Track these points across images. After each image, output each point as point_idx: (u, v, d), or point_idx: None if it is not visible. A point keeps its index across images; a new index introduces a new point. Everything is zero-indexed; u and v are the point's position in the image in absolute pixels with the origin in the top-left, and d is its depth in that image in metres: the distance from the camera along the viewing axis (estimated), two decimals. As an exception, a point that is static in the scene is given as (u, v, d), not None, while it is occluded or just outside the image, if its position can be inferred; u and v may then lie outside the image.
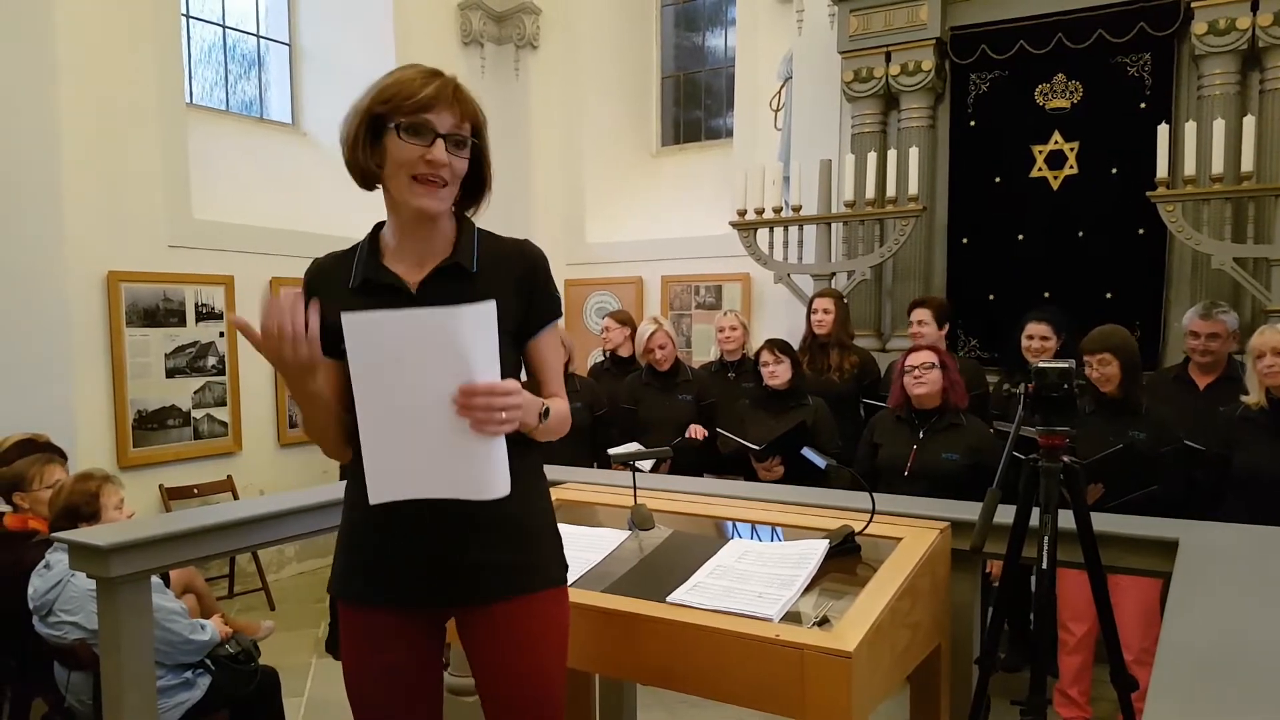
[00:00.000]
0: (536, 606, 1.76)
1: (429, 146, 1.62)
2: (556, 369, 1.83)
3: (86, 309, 5.02)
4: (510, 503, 1.63)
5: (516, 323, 1.74)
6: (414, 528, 1.69)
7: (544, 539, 1.80)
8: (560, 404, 1.77)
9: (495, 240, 1.79)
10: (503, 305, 1.57)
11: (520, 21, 7.44)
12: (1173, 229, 4.45)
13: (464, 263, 1.72)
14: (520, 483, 1.66)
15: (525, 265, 1.76)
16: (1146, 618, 3.35)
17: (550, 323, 1.80)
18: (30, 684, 3.33)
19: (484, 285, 1.68)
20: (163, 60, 5.37)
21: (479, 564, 1.70)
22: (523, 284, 1.75)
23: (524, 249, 1.80)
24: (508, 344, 1.70)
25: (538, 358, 1.80)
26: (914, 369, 3.68)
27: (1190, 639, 1.43)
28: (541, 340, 1.79)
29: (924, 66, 5.24)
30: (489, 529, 1.70)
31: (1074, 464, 2.04)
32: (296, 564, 6.22)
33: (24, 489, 3.45)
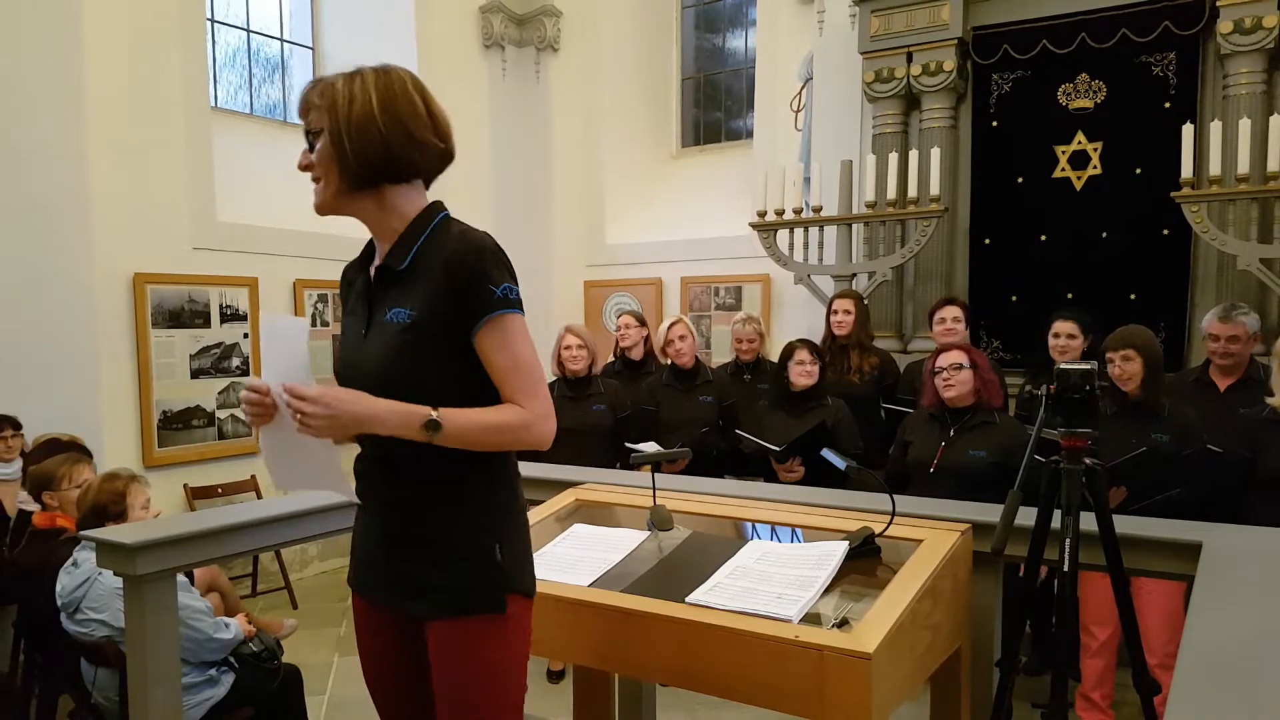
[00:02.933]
0: (468, 634, 1.67)
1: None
2: (507, 372, 1.64)
3: (113, 310, 5.08)
4: (431, 517, 1.67)
5: (442, 324, 1.62)
6: (365, 524, 1.79)
7: (475, 559, 1.67)
8: (469, 416, 1.61)
9: (444, 236, 1.68)
10: (423, 307, 1.62)
11: (541, 24, 7.46)
12: (1197, 230, 4.40)
13: (394, 262, 1.68)
14: (445, 498, 1.67)
15: (447, 263, 1.62)
16: (1170, 621, 3.33)
17: (481, 320, 1.62)
18: (57, 681, 3.38)
19: (410, 287, 1.66)
20: (188, 64, 5.43)
21: (402, 574, 1.70)
22: (442, 285, 1.62)
23: (452, 245, 1.65)
24: (441, 348, 1.63)
25: (483, 360, 1.65)
26: (943, 370, 3.66)
27: (1213, 642, 1.42)
28: (479, 342, 1.63)
29: (946, 67, 5.21)
30: (406, 540, 1.70)
31: (1096, 466, 2.03)
32: (319, 563, 6.26)
33: (53, 488, 3.50)
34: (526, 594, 1.74)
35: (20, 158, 4.74)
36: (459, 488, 1.68)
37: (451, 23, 7.13)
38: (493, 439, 1.65)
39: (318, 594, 5.79)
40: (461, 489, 1.68)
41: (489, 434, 1.63)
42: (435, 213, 1.73)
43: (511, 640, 1.70)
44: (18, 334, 4.76)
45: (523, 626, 1.73)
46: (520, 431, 1.65)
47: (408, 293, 1.65)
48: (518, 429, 1.64)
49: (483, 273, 1.62)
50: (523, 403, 1.65)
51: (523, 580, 1.73)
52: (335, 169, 1.65)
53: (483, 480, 1.70)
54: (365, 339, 1.71)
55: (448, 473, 1.66)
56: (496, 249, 1.66)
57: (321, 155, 1.65)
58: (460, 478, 1.67)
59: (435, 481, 1.67)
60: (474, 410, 1.62)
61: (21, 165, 4.74)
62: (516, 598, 1.70)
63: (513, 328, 1.65)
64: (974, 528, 2.26)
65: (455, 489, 1.68)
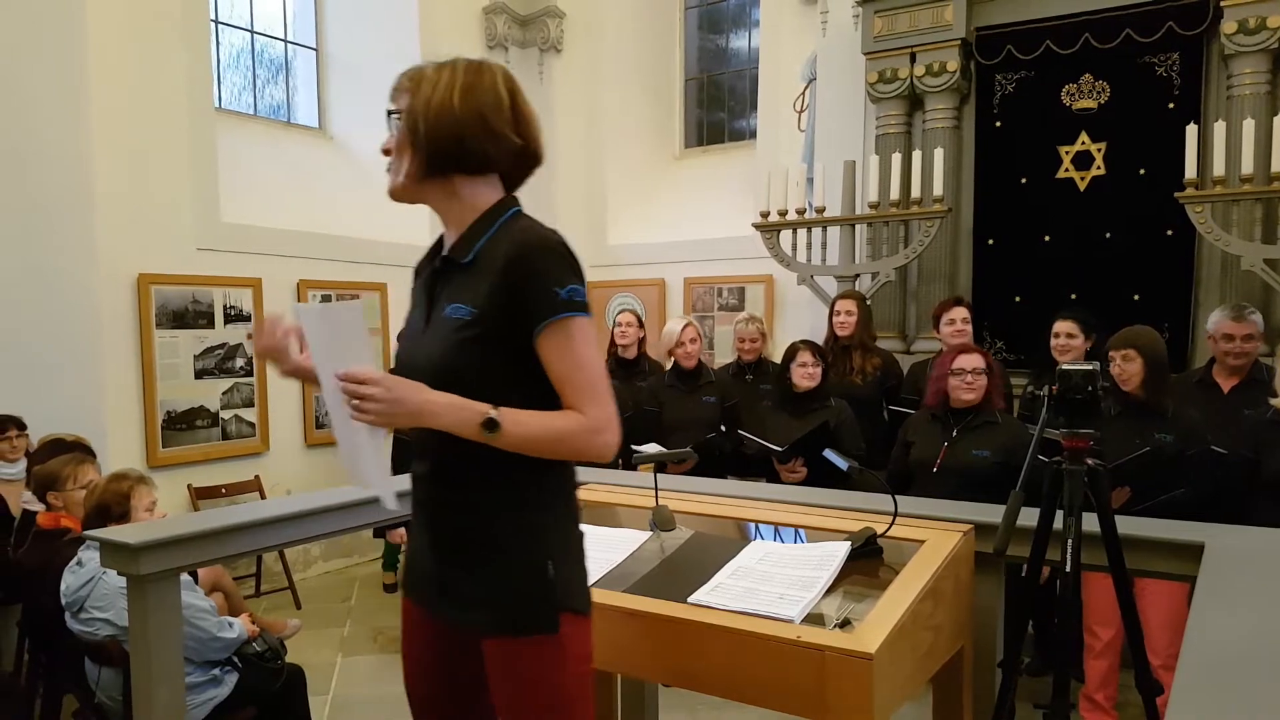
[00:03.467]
0: (519, 655, 1.60)
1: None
2: (570, 378, 1.56)
3: (117, 311, 5.09)
4: (481, 526, 1.61)
5: (502, 323, 1.56)
6: (417, 529, 1.74)
7: (526, 575, 1.59)
8: (530, 419, 1.54)
9: (511, 232, 1.62)
10: (483, 304, 1.56)
11: (544, 25, 7.47)
12: (1201, 230, 4.40)
13: (457, 255, 1.64)
14: (496, 507, 1.60)
15: (509, 260, 1.55)
16: (1174, 622, 3.32)
17: (543, 322, 1.54)
18: (61, 680, 3.39)
19: (472, 281, 1.60)
20: (192, 65, 5.44)
21: (452, 583, 1.65)
22: (503, 282, 1.55)
23: (510, 243, 1.58)
24: (500, 348, 1.57)
25: (544, 365, 1.57)
26: (965, 373, 3.66)
27: (1214, 643, 1.42)
28: (540, 345, 1.55)
29: (949, 67, 5.21)
30: (455, 548, 1.64)
31: (1098, 466, 2.03)
32: (323, 563, 6.27)
33: (58, 488, 3.51)
34: (581, 612, 1.65)
35: (24, 159, 4.75)
36: (511, 496, 1.61)
37: (455, 24, 7.14)
38: (551, 446, 1.56)
39: (321, 594, 5.80)
40: (514, 497, 1.61)
41: (548, 440, 1.55)
42: (506, 207, 1.66)
43: (567, 662, 1.61)
44: (22, 334, 4.77)
45: (579, 647, 1.64)
46: (580, 440, 1.56)
47: (469, 288, 1.59)
48: (578, 438, 1.56)
49: (545, 272, 1.54)
50: (585, 410, 1.56)
51: (577, 598, 1.64)
52: (408, 152, 1.62)
53: (536, 489, 1.62)
54: (424, 332, 1.67)
55: (500, 479, 1.59)
56: (563, 247, 1.58)
57: (398, 137, 1.63)
58: (513, 485, 1.60)
59: (487, 488, 1.60)
60: (535, 413, 1.55)
61: (26, 166, 4.76)
62: (570, 616, 1.62)
63: (577, 331, 1.56)
64: (976, 528, 2.26)
65: (508, 497, 1.61)
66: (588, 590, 1.69)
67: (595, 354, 1.60)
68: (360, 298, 6.49)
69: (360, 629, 5.13)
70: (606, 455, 1.59)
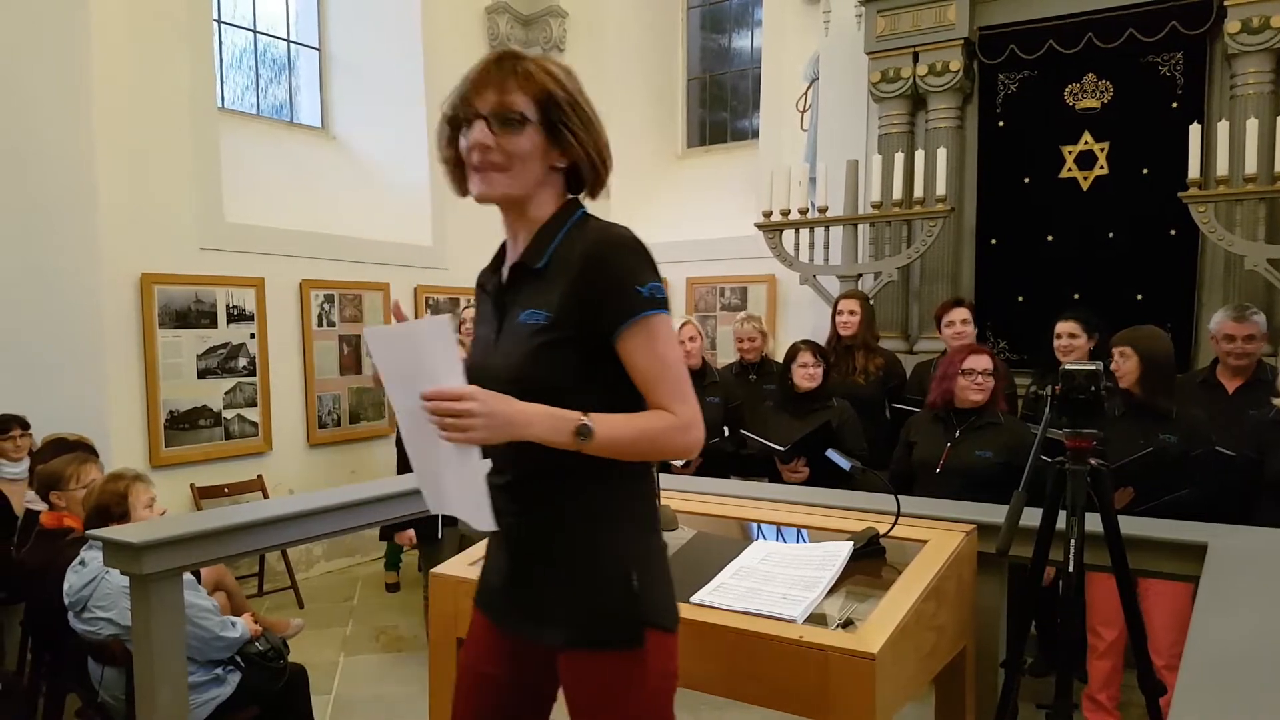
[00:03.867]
0: (601, 671, 1.54)
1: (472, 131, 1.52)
2: (655, 377, 1.51)
3: (120, 310, 5.10)
4: (561, 539, 1.55)
5: (581, 326, 1.50)
6: (491, 545, 1.70)
7: (610, 588, 1.53)
8: (620, 421, 1.48)
9: (584, 232, 1.56)
10: (560, 308, 1.50)
11: (547, 25, 7.47)
12: (1205, 230, 4.39)
13: (530, 260, 1.56)
14: (577, 518, 1.55)
15: (587, 261, 1.50)
16: (1178, 623, 3.31)
17: (626, 321, 1.48)
18: (64, 679, 3.39)
19: (546, 286, 1.54)
20: (195, 65, 5.44)
21: (531, 598, 1.60)
22: (578, 283, 1.49)
23: (588, 242, 1.53)
24: (579, 351, 1.51)
25: (627, 364, 1.51)
26: (974, 374, 3.65)
27: (1217, 643, 1.41)
28: (622, 344, 1.50)
29: (952, 67, 5.20)
30: (535, 562, 1.59)
31: (1101, 467, 2.03)
32: (325, 563, 6.27)
33: (60, 488, 3.51)
34: (667, 629, 1.57)
35: (27, 159, 4.76)
36: (594, 506, 1.55)
37: (457, 23, 7.14)
38: (643, 447, 1.51)
39: (324, 594, 5.80)
40: (596, 508, 1.55)
41: (640, 442, 1.50)
42: (574, 208, 1.61)
43: (650, 681, 1.54)
44: (25, 334, 4.78)
45: (663, 666, 1.56)
46: (670, 438, 1.51)
47: (543, 292, 1.53)
48: (669, 436, 1.51)
49: (627, 270, 1.49)
50: (673, 408, 1.51)
51: (662, 613, 1.57)
52: (538, 162, 1.54)
53: (619, 500, 1.57)
54: (497, 342, 1.60)
55: (582, 489, 1.54)
56: (639, 244, 1.53)
57: (526, 142, 1.51)
58: (596, 495, 1.55)
59: (568, 499, 1.55)
60: (623, 415, 1.49)
61: (28, 166, 4.77)
62: (655, 633, 1.54)
63: (660, 329, 1.51)
64: (979, 528, 2.26)
65: (590, 508, 1.55)
66: (675, 607, 1.62)
67: (678, 351, 1.56)
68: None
69: (362, 628, 5.13)
70: (694, 451, 1.55)
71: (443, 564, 2.34)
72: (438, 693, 2.36)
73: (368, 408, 6.54)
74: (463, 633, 2.28)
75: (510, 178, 1.53)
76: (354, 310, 6.40)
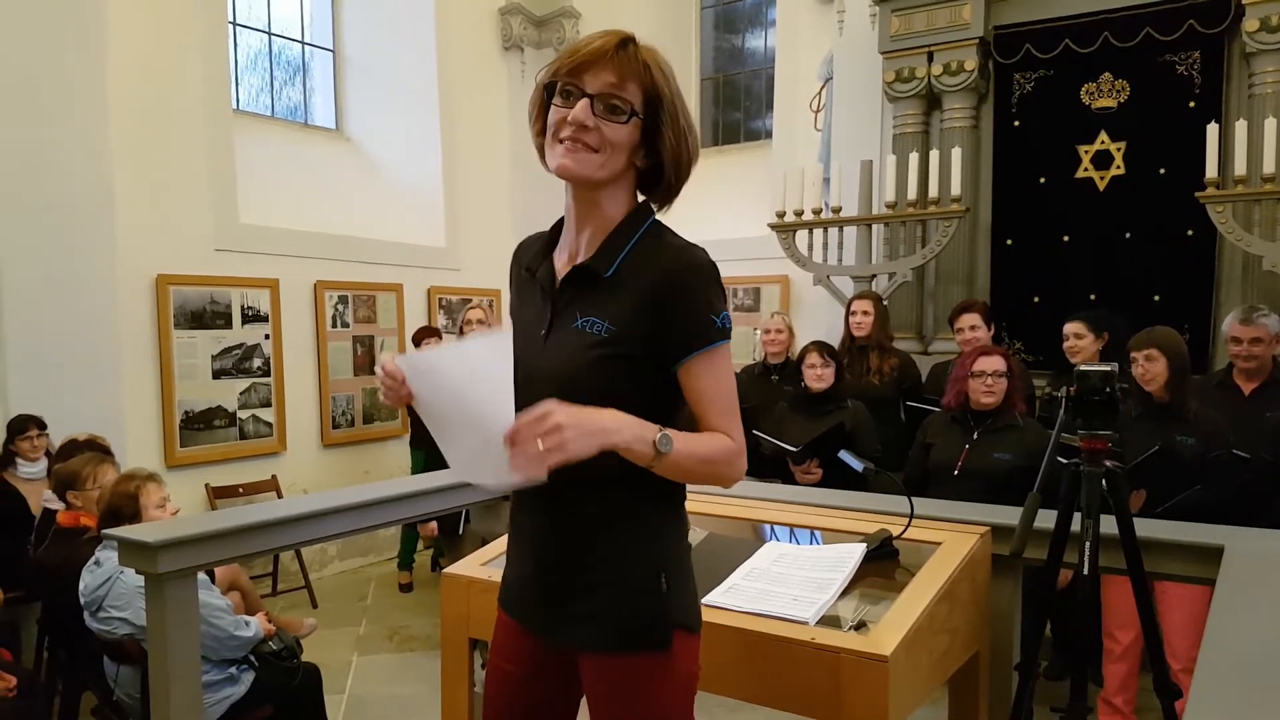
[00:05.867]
0: (627, 671, 1.54)
1: (573, 108, 1.48)
2: (716, 403, 1.50)
3: (135, 311, 5.13)
4: (592, 542, 1.55)
5: (646, 346, 1.48)
6: (519, 546, 1.68)
7: (639, 590, 1.53)
8: (689, 441, 1.45)
9: (657, 245, 1.52)
10: (624, 322, 1.48)
11: (560, 25, 7.48)
12: (1223, 230, 4.36)
13: (598, 266, 1.52)
14: (609, 521, 1.54)
15: (658, 281, 1.47)
16: (1195, 626, 3.28)
17: (696, 350, 1.47)
18: (80, 678, 3.42)
19: (610, 296, 1.50)
20: (210, 67, 5.48)
21: (559, 600, 1.58)
22: (652, 303, 1.47)
23: (666, 261, 1.49)
24: (638, 368, 1.49)
25: (686, 389, 1.50)
26: (985, 375, 3.64)
27: (1234, 647, 1.40)
28: (688, 369, 1.48)
29: (967, 66, 5.18)
30: (564, 566, 1.58)
31: (1117, 468, 2.01)
32: (339, 562, 6.30)
33: (77, 488, 3.54)
34: (692, 629, 1.58)
35: (44, 160, 4.78)
36: (625, 509, 1.54)
37: (471, 24, 7.17)
38: (704, 469, 1.49)
39: (337, 593, 5.82)
40: (628, 510, 1.54)
41: (703, 464, 1.48)
42: (645, 215, 1.56)
43: (675, 680, 1.55)
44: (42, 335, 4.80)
45: (688, 666, 1.57)
46: (728, 465, 1.50)
47: (608, 302, 1.50)
48: (727, 462, 1.50)
49: (703, 298, 1.47)
50: (731, 434, 1.50)
51: (688, 614, 1.58)
52: (627, 155, 1.50)
53: (649, 502, 1.55)
54: (546, 341, 1.55)
55: (613, 492, 1.52)
56: (716, 270, 1.50)
57: (624, 134, 1.48)
58: (627, 498, 1.53)
59: (600, 502, 1.53)
60: (692, 435, 1.48)
61: (45, 168, 4.79)
62: (681, 634, 1.55)
63: (725, 357, 1.51)
64: (993, 530, 2.25)
65: (621, 510, 1.54)
66: (699, 607, 1.63)
67: (734, 380, 1.55)
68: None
69: (376, 628, 5.14)
70: (738, 479, 1.54)
71: (456, 564, 2.34)
72: (450, 692, 2.37)
73: (381, 408, 6.56)
74: (475, 633, 2.29)
75: (600, 162, 1.48)
76: (368, 311, 6.42)
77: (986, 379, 3.63)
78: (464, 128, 6.97)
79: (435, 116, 6.85)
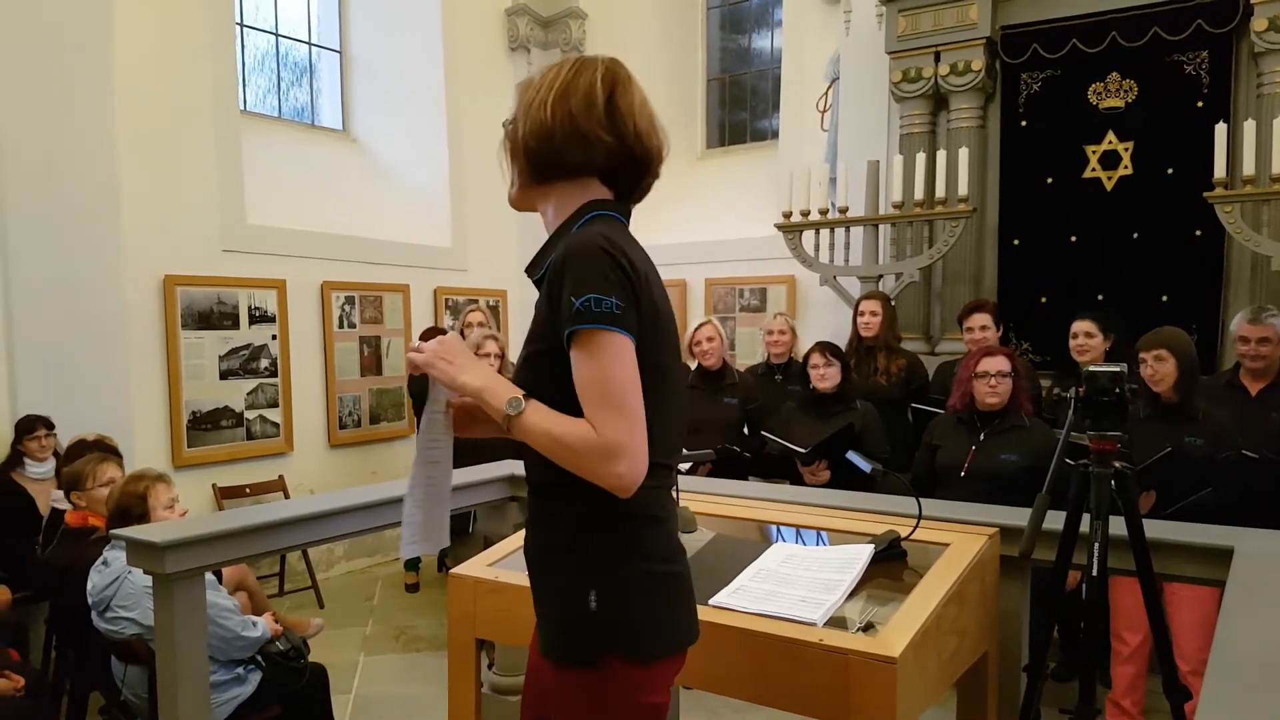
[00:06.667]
0: (561, 683, 1.53)
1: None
2: (582, 390, 1.42)
3: (143, 312, 5.14)
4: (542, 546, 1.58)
5: (549, 340, 1.49)
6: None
7: (568, 602, 1.50)
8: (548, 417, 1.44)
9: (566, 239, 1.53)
10: (540, 319, 1.52)
11: (566, 26, 7.48)
12: (1231, 230, 4.34)
13: (529, 273, 1.60)
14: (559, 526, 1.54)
15: (549, 272, 1.49)
16: (1204, 628, 3.27)
17: (564, 339, 1.43)
18: (88, 677, 3.42)
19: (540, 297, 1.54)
20: (217, 68, 5.49)
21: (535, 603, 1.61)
22: (545, 294, 1.50)
23: (557, 252, 1.49)
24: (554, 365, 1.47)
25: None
26: (989, 375, 3.63)
27: (1244, 649, 1.39)
28: (570, 358, 1.44)
29: (974, 66, 5.17)
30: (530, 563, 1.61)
31: (1126, 469, 2.00)
32: (345, 563, 6.30)
33: (80, 487, 3.54)
34: (632, 657, 1.47)
35: (52, 161, 4.81)
36: (570, 520, 1.51)
37: (477, 25, 7.17)
38: (559, 451, 1.43)
39: (344, 594, 5.83)
40: (573, 522, 1.51)
41: (554, 443, 1.42)
42: (581, 215, 1.56)
43: (613, 710, 1.48)
44: (50, 335, 4.83)
45: (631, 697, 1.48)
46: (585, 457, 1.40)
47: (538, 304, 1.55)
48: (584, 453, 1.40)
49: (568, 284, 1.42)
50: (597, 427, 1.40)
51: (629, 640, 1.47)
52: (516, 160, 1.61)
53: (601, 518, 1.48)
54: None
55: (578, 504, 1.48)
56: (597, 252, 1.43)
57: (509, 145, 1.62)
58: (588, 512, 1.48)
59: (557, 508, 1.54)
60: (557, 414, 1.44)
61: (53, 168, 4.81)
62: (618, 660, 1.46)
63: (601, 345, 1.41)
64: (1002, 531, 2.24)
65: (565, 520, 1.52)
66: (655, 637, 1.50)
67: (623, 372, 1.42)
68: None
69: (382, 628, 5.15)
70: (617, 486, 1.41)
71: (462, 565, 2.34)
72: (457, 692, 2.37)
73: (388, 408, 6.57)
74: (482, 633, 2.30)
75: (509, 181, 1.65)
76: (374, 312, 6.43)
77: (991, 379, 3.62)
78: (470, 128, 6.97)
79: (441, 117, 6.86)
